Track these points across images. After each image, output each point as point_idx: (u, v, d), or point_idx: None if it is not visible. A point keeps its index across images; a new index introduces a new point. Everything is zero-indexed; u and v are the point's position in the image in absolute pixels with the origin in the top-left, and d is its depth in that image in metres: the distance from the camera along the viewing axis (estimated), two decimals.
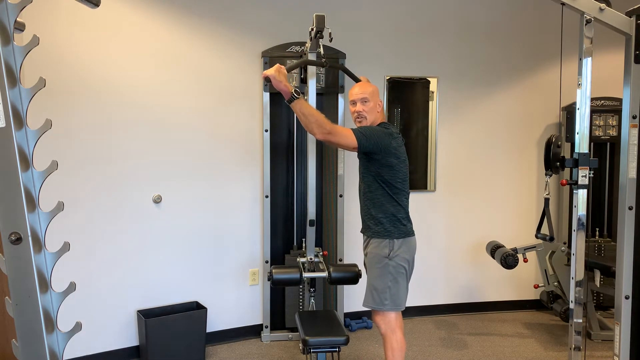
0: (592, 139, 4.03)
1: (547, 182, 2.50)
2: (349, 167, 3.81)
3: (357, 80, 3.06)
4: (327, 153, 3.78)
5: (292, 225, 3.79)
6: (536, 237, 2.64)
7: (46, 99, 2.78)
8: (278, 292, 3.72)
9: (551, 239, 2.53)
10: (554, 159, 2.45)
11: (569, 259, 3.73)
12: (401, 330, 2.57)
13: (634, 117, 2.30)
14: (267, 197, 3.63)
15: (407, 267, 2.57)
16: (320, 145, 3.40)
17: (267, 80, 2.38)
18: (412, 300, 4.17)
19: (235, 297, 3.67)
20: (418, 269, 4.10)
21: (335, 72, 3.62)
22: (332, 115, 3.66)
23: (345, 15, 3.82)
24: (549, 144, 2.47)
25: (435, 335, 3.80)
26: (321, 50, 3.00)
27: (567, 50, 3.37)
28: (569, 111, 4.00)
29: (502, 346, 3.61)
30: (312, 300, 3.19)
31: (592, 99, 3.78)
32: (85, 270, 3.15)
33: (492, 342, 3.68)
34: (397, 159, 2.52)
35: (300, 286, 3.59)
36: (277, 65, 2.38)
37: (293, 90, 2.31)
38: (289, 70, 2.54)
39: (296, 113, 2.36)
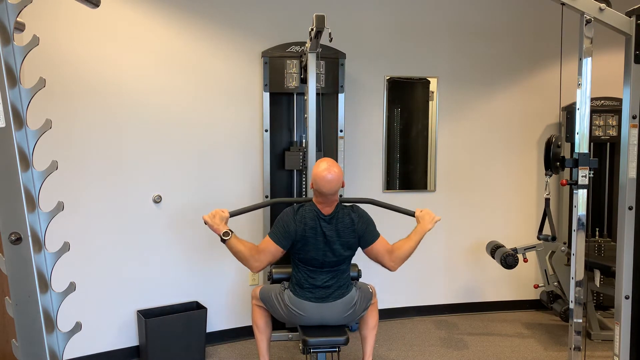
0: (592, 139, 4.02)
1: (547, 182, 2.51)
2: (349, 168, 3.82)
3: (410, 214, 2.78)
4: (327, 154, 3.77)
5: None
6: (538, 238, 2.63)
7: (46, 99, 2.78)
8: None
9: (553, 238, 2.53)
10: (554, 159, 2.45)
11: (569, 259, 3.72)
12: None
13: (634, 117, 2.30)
14: (267, 197, 3.62)
15: (280, 305, 2.68)
16: (319, 145, 3.41)
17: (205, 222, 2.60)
18: (412, 300, 4.22)
19: (235, 297, 3.66)
20: (418, 269, 4.16)
21: (335, 71, 3.62)
22: (332, 115, 3.66)
23: (345, 15, 3.82)
24: (549, 144, 2.47)
25: (435, 335, 3.80)
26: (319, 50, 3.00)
27: (567, 50, 3.36)
28: (569, 111, 4.00)
29: (502, 346, 3.61)
30: None
31: (592, 99, 3.77)
32: (85, 270, 3.15)
33: (492, 342, 3.68)
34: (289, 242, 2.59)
35: None
36: (216, 209, 2.60)
37: (222, 234, 2.54)
38: (235, 214, 2.71)
39: (230, 251, 2.58)
